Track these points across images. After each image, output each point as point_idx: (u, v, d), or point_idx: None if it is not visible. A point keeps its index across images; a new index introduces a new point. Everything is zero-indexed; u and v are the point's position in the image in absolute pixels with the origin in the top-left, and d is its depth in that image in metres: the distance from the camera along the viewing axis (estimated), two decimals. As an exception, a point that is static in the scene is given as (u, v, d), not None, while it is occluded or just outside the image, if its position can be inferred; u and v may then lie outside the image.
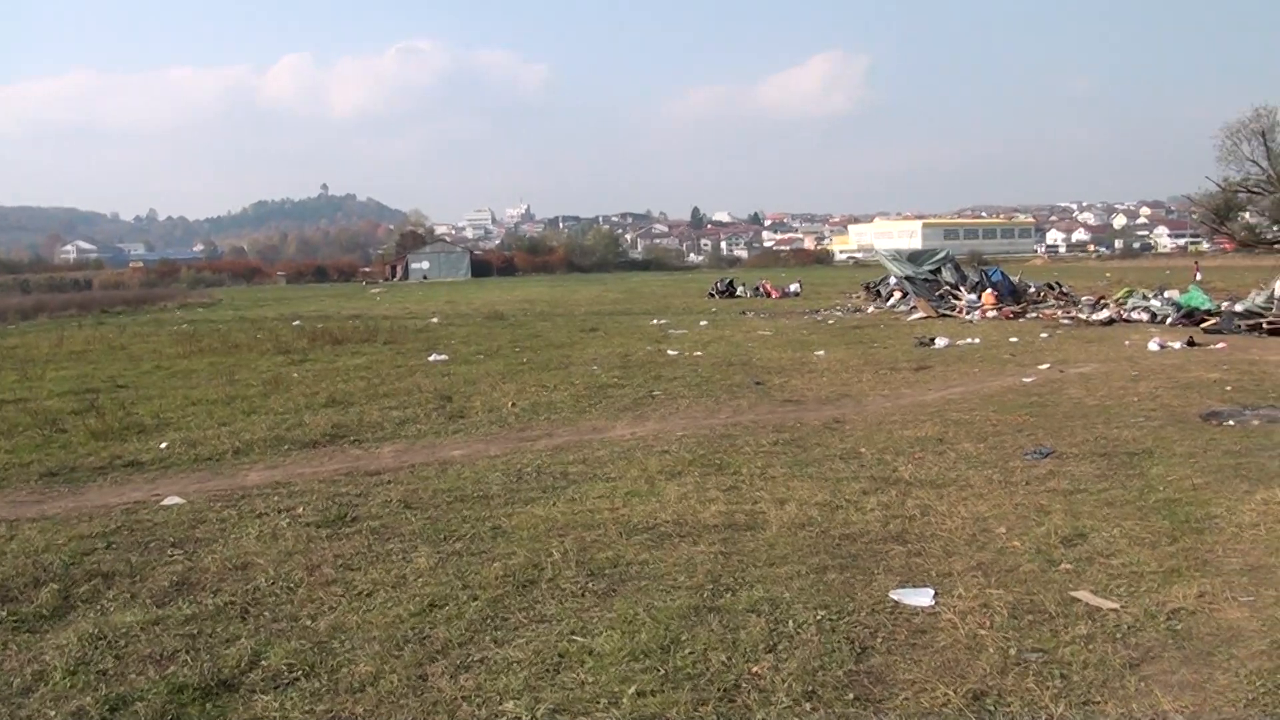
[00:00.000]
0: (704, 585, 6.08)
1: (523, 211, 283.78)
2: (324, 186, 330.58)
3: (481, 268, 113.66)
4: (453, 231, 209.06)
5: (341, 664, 5.08)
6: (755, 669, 4.89)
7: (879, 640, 5.25)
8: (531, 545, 6.97)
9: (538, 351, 20.83)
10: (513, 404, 13.31)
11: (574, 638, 5.32)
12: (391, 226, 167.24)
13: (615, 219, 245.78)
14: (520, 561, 6.59)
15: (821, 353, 19.49)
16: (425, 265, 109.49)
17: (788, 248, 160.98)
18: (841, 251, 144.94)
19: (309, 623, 5.66)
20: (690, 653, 5.08)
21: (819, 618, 5.50)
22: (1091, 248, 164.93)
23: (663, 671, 4.86)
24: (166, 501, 8.55)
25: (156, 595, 6.21)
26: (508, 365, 18.23)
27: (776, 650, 5.11)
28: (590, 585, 6.14)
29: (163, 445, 10.97)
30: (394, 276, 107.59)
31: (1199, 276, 41.35)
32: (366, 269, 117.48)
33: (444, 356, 19.79)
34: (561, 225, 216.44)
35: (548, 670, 4.94)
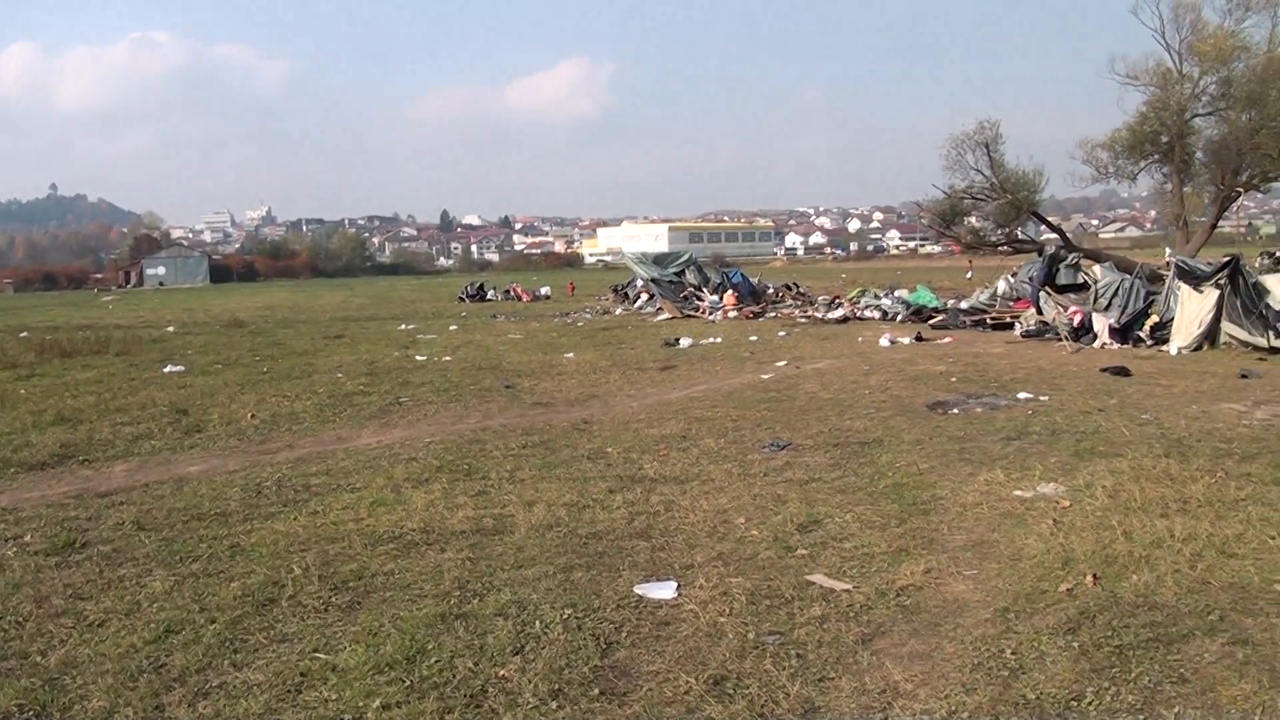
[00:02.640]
0: (451, 592, 6.05)
1: (264, 214, 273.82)
2: (53, 186, 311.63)
3: (221, 273, 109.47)
4: (190, 235, 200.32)
5: (74, 700, 4.79)
6: (502, 672, 4.90)
7: (624, 635, 5.36)
8: (272, 562, 6.74)
9: (280, 360, 20.14)
10: (253, 415, 12.84)
11: (317, 655, 5.19)
12: (125, 229, 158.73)
13: (362, 222, 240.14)
14: (260, 580, 6.37)
15: (571, 355, 19.66)
16: (161, 271, 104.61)
17: (539, 251, 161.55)
18: (591, 254, 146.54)
19: (39, 659, 5.30)
20: (437, 661, 5.05)
21: (565, 617, 5.57)
22: (828, 250, 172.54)
23: (408, 683, 4.81)
24: None
25: None
26: (248, 375, 17.54)
27: (524, 652, 5.13)
28: (334, 600, 6.00)
29: None
30: (128, 283, 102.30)
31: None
32: (99, 275, 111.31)
33: (180, 367, 18.85)
34: (305, 228, 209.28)
35: (289, 691, 4.80)
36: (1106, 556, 6.35)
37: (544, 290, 47.42)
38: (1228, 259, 18.31)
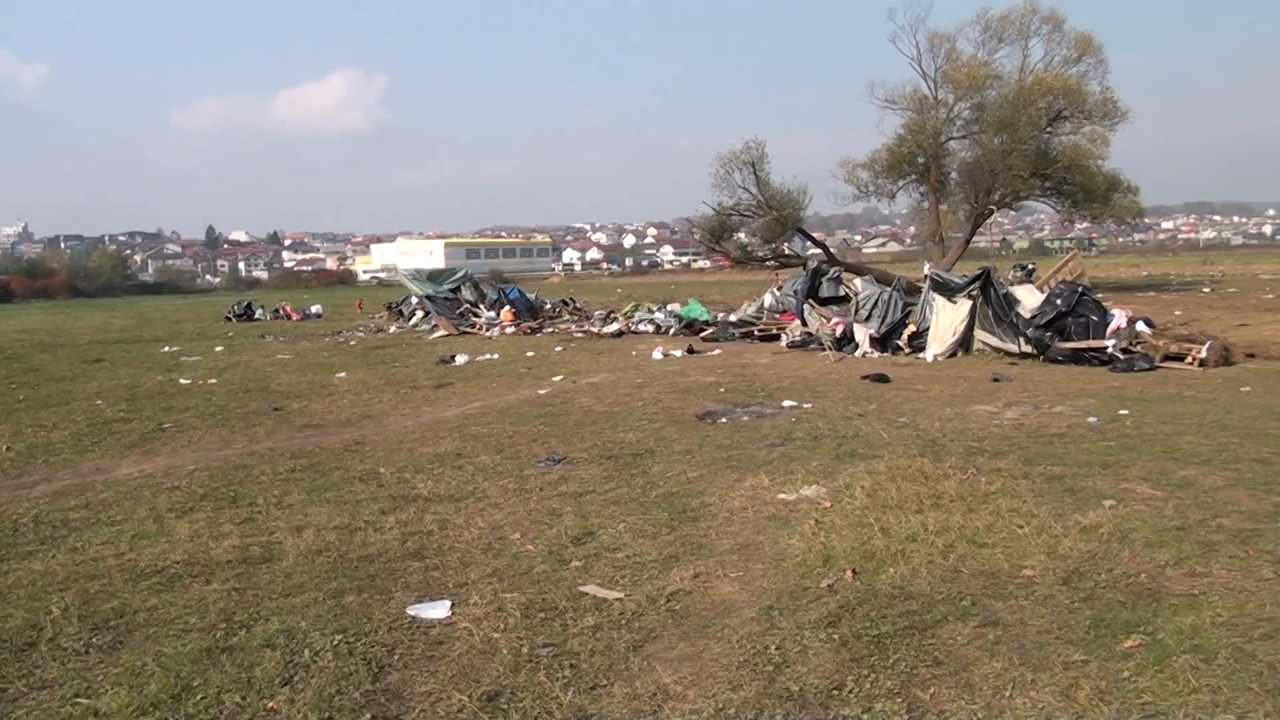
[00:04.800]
0: (217, 625, 5.82)
1: (20, 230, 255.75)
2: None
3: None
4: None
5: None
6: (271, 704, 4.75)
7: (396, 657, 5.28)
8: (30, 604, 6.31)
9: (35, 387, 18.93)
10: (8, 448, 12.05)
11: (78, 700, 4.90)
12: None
13: (123, 238, 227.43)
14: (17, 624, 5.95)
15: (342, 374, 19.23)
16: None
17: (310, 268, 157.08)
18: (365, 271, 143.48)
19: None
20: (203, 698, 4.85)
21: (336, 643, 5.44)
22: (604, 265, 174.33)
23: (172, 721, 4.61)
24: None
25: None
26: (1, 405, 16.47)
27: (293, 682, 5.00)
28: (95, 640, 5.68)
29: None
30: None
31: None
32: None
33: (-84, 401, 17.55)
34: (64, 245, 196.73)
35: (45, 737, 4.54)
36: (865, 552, 6.65)
37: (315, 308, 46.13)
38: (979, 272, 19.46)
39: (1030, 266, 34.35)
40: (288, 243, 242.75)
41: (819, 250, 44.93)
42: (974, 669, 4.87)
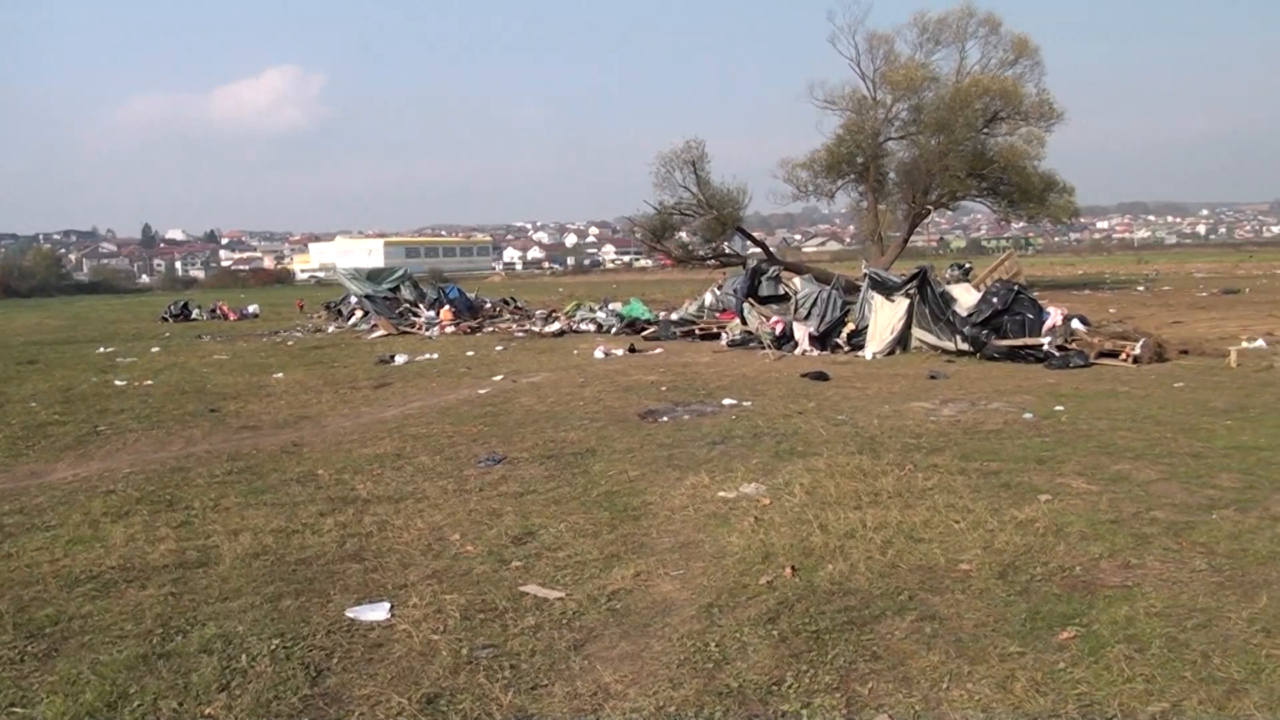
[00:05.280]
0: (153, 631, 5.73)
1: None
2: None
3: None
4: None
5: None
6: (208, 710, 4.70)
7: (335, 660, 5.24)
8: (-39, 612, 6.21)
9: (-39, 392, 18.58)
10: (-65, 453, 11.80)
11: (13, 709, 4.80)
12: None
13: (58, 237, 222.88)
14: (-52, 632, 5.85)
15: (280, 375, 19.02)
16: None
17: (247, 267, 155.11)
18: (303, 270, 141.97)
19: None
20: (140, 705, 4.78)
21: (273, 648, 5.39)
22: (546, 264, 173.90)
23: (107, 729, 4.54)
24: None
25: None
26: (-77, 411, 16.11)
27: (230, 688, 4.93)
28: (29, 648, 5.56)
29: None
30: None
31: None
32: None
33: None
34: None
35: (-23, 749, 4.45)
36: (804, 549, 6.70)
37: (252, 308, 45.57)
38: (917, 271, 19.67)
39: (967, 265, 34.84)
40: (225, 242, 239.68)
41: (759, 249, 45.15)
42: (911, 662, 4.92)
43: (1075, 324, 18.68)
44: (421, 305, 32.19)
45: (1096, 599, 5.64)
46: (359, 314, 34.04)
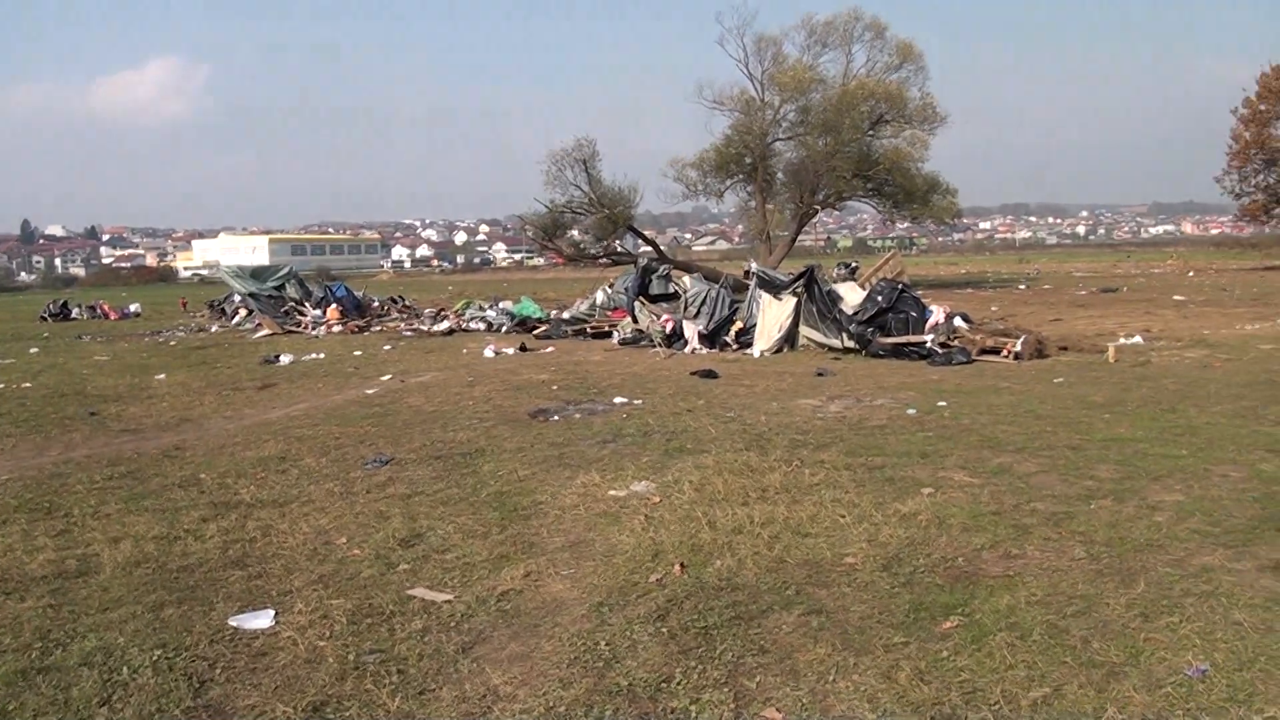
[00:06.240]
0: (32, 644, 5.53)
1: None
2: None
3: None
4: None
5: None
6: (88, 724, 4.59)
7: (218, 671, 5.13)
8: None
9: None
10: None
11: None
12: None
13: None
14: None
15: (162, 376, 18.54)
16: None
17: (129, 265, 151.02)
18: (186, 268, 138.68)
19: None
20: (16, 722, 4.64)
21: (155, 659, 5.25)
22: (435, 262, 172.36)
23: (-22, 747, 4.40)
24: None
25: None
26: None
27: (111, 702, 4.80)
28: (-102, 667, 5.36)
29: None
30: None
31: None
32: None
33: None
34: None
35: None
36: (693, 545, 6.76)
37: (134, 307, 44.39)
38: (804, 270, 19.92)
39: (853, 265, 35.28)
40: (106, 238, 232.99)
41: (650, 248, 45.46)
42: (799, 656, 5.00)
43: (958, 321, 19.08)
44: (307, 304, 31.67)
45: (979, 589, 5.79)
46: (243, 313, 33.42)
